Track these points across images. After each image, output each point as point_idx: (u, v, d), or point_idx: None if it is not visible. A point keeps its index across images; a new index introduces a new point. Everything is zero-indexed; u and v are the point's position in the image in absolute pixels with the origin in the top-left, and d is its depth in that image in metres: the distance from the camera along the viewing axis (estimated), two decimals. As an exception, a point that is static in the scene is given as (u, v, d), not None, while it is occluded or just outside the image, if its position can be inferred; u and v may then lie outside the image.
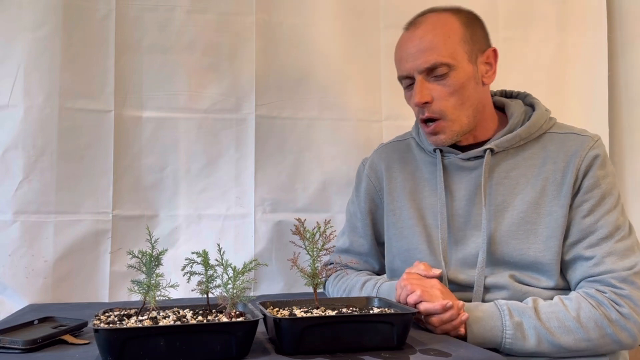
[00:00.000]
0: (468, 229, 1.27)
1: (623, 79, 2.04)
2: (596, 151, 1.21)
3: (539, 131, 1.27)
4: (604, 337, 1.13)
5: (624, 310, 1.12)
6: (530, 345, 1.12)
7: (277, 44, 1.73)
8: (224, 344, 0.91)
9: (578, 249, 1.19)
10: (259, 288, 1.72)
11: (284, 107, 1.74)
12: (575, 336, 1.12)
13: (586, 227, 1.18)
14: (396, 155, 1.43)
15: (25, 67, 1.54)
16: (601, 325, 1.12)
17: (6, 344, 0.99)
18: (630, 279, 1.14)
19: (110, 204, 1.61)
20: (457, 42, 1.22)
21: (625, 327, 1.12)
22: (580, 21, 1.99)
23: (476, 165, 1.28)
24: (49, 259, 1.55)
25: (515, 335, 1.12)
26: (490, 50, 1.28)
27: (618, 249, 1.16)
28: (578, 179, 1.20)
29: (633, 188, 2.01)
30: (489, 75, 1.28)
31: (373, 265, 1.49)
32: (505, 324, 1.13)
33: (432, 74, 1.22)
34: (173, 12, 1.66)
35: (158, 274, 0.98)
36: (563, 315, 1.13)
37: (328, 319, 0.97)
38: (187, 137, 1.68)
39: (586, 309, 1.13)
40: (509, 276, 1.21)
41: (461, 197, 1.28)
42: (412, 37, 1.26)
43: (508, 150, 1.27)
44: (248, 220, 1.71)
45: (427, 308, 1.10)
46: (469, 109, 1.25)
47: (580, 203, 1.19)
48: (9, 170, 1.54)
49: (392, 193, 1.39)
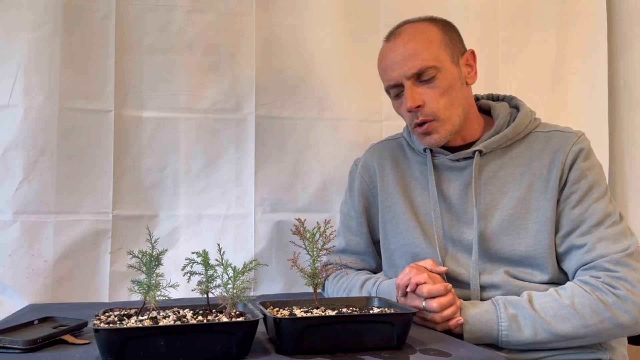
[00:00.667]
0: (460, 226, 1.30)
1: (623, 79, 2.04)
2: (580, 145, 1.24)
3: (524, 131, 1.30)
4: (603, 322, 1.13)
5: (620, 292, 1.13)
6: (526, 336, 1.14)
7: (277, 44, 1.74)
8: (224, 344, 0.92)
9: (570, 239, 1.21)
10: (259, 288, 1.72)
11: (284, 107, 1.74)
12: (572, 323, 1.13)
13: (576, 217, 1.21)
14: (388, 153, 1.45)
15: (25, 67, 1.54)
16: (597, 310, 1.13)
17: (6, 344, 0.99)
18: (624, 261, 1.15)
19: (110, 204, 1.61)
20: (439, 46, 1.27)
21: (625, 309, 1.12)
22: (580, 21, 1.99)
23: (465, 166, 1.31)
24: (49, 259, 1.55)
25: (510, 327, 1.14)
26: (468, 52, 1.33)
27: (609, 234, 1.18)
28: (564, 173, 1.23)
29: (633, 188, 2.01)
30: (471, 75, 1.33)
31: (370, 263, 1.50)
32: (500, 316, 1.15)
33: (420, 78, 1.26)
34: (173, 12, 1.66)
35: (158, 274, 0.98)
36: (557, 303, 1.15)
37: (328, 319, 0.97)
38: (187, 137, 1.68)
39: (580, 295, 1.14)
40: (504, 272, 1.24)
41: (452, 196, 1.31)
42: (395, 46, 1.30)
43: (495, 150, 1.30)
44: (248, 220, 1.71)
45: (430, 289, 1.13)
46: (458, 108, 1.28)
47: (568, 195, 1.22)
48: (9, 170, 1.54)
49: (386, 190, 1.41)
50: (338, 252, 1.50)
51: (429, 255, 1.30)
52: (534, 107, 1.46)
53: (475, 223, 1.25)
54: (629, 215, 2.02)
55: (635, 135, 2.02)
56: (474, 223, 1.26)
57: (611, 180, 1.99)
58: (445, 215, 1.31)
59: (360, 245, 1.48)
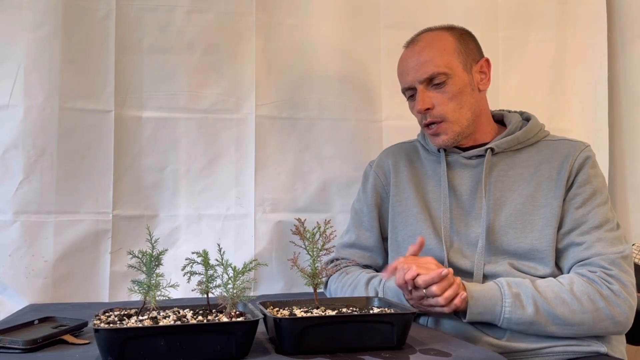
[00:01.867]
0: (469, 220, 1.35)
1: (623, 79, 2.05)
2: (588, 153, 1.33)
3: (534, 137, 1.38)
4: (598, 311, 1.18)
5: (614, 287, 1.20)
6: (528, 314, 1.18)
7: (277, 44, 1.74)
8: (224, 344, 0.92)
9: (571, 237, 1.28)
10: (259, 288, 1.72)
11: (284, 107, 1.74)
12: (570, 307, 1.18)
13: (578, 217, 1.28)
14: (403, 153, 1.52)
15: (25, 67, 1.54)
16: (593, 298, 1.18)
17: (6, 344, 0.99)
18: (618, 262, 1.22)
19: (110, 204, 1.61)
20: (452, 54, 1.36)
21: (617, 304, 1.19)
22: (580, 21, 1.99)
23: (477, 164, 1.38)
24: (49, 259, 1.55)
25: (514, 304, 1.18)
26: (483, 60, 1.41)
27: (607, 237, 1.25)
28: (572, 175, 1.30)
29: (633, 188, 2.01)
30: (483, 82, 1.41)
31: (377, 260, 1.52)
32: (505, 293, 1.19)
33: (431, 83, 1.35)
34: (173, 12, 1.66)
35: (158, 274, 0.98)
36: (558, 288, 1.20)
37: (328, 319, 0.98)
38: (187, 137, 1.68)
39: (578, 283, 1.20)
40: (508, 264, 1.29)
41: (463, 191, 1.38)
42: (412, 53, 1.40)
43: (507, 152, 1.38)
44: (248, 220, 1.71)
45: (425, 279, 1.15)
46: (467, 112, 1.37)
47: (573, 196, 1.29)
48: (9, 170, 1.54)
49: (399, 185, 1.47)
50: (347, 246, 1.52)
51: (435, 246, 1.35)
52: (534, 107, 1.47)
53: (484, 214, 1.31)
54: (629, 215, 2.02)
55: (635, 135, 2.02)
56: (482, 216, 1.31)
57: (611, 180, 1.99)
58: (454, 209, 1.37)
59: (370, 240, 1.51)
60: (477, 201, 1.35)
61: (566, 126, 1.92)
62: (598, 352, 1.22)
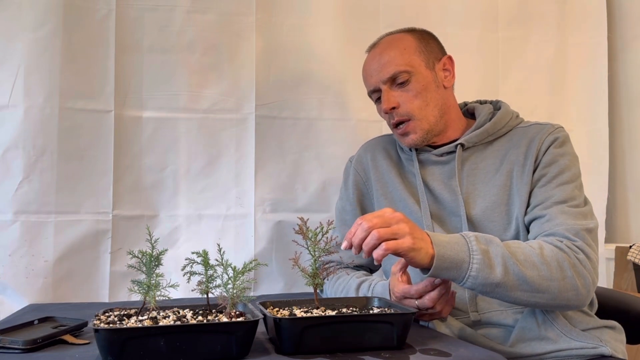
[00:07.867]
0: (446, 215, 1.34)
1: (623, 79, 2.05)
2: (555, 135, 1.30)
3: (505, 127, 1.36)
4: (564, 280, 1.11)
5: (580, 256, 1.14)
6: (496, 275, 1.07)
7: (277, 44, 1.74)
8: (224, 344, 0.91)
9: (534, 212, 1.24)
10: (259, 288, 1.72)
11: (284, 107, 1.74)
12: (540, 272, 1.09)
13: (542, 194, 1.25)
14: (380, 146, 1.51)
15: (25, 67, 1.54)
16: (562, 265, 1.11)
17: (6, 344, 0.99)
18: (582, 234, 1.17)
19: (110, 204, 1.61)
20: (413, 53, 1.37)
21: (583, 274, 1.13)
22: (580, 21, 1.99)
23: (449, 160, 1.37)
24: (49, 259, 1.56)
25: (483, 261, 1.06)
26: (445, 58, 1.41)
27: (570, 211, 1.20)
28: (538, 158, 1.28)
29: (633, 188, 2.02)
30: (448, 79, 1.40)
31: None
32: (472, 248, 1.07)
33: (395, 82, 1.36)
34: (173, 12, 1.66)
35: (158, 274, 0.98)
36: (528, 250, 1.12)
37: (328, 319, 0.97)
38: (187, 137, 1.68)
39: (548, 249, 1.13)
40: None
41: (437, 189, 1.36)
42: (373, 55, 1.41)
43: (477, 145, 1.36)
44: (248, 220, 1.71)
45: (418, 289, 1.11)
46: (434, 109, 1.36)
47: (539, 177, 1.27)
48: (9, 170, 1.54)
49: (382, 179, 1.45)
50: (334, 247, 1.49)
51: None
52: (534, 107, 1.46)
53: (462, 212, 1.29)
54: (629, 215, 2.03)
55: (635, 135, 2.03)
56: (460, 211, 1.30)
57: (611, 180, 2.00)
58: (432, 205, 1.36)
59: None
60: (451, 195, 1.33)
61: (566, 126, 1.90)
62: (602, 355, 1.21)
